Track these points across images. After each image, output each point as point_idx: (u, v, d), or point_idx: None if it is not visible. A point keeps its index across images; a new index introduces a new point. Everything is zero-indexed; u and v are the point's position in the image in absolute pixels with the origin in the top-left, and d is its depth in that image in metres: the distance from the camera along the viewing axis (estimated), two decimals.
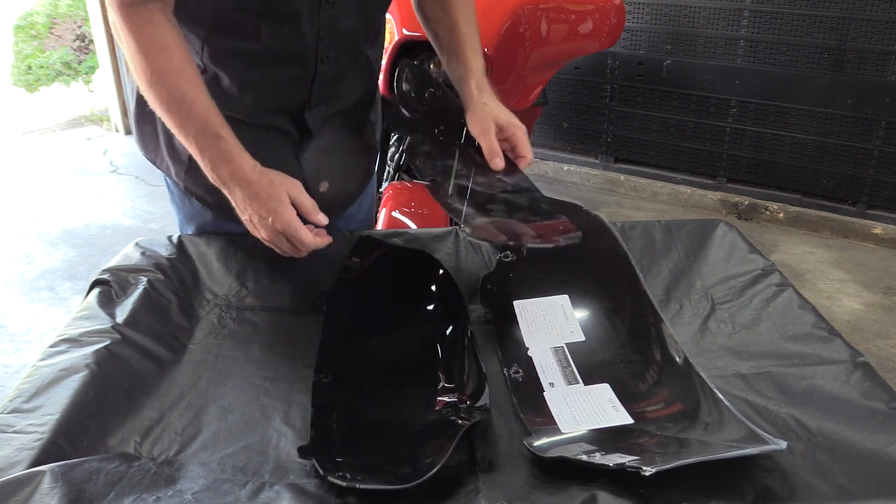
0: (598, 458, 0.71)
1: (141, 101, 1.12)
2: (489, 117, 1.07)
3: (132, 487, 0.67)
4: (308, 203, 0.96)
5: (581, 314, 0.99)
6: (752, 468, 0.71)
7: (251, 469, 0.73)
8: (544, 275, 1.07)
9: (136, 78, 0.96)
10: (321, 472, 0.69)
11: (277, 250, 0.98)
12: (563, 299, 1.02)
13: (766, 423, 0.79)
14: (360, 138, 1.23)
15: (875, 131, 3.00)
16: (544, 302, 1.02)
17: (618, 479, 0.69)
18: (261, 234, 0.96)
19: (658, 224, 1.17)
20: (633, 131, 3.53)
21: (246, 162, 0.94)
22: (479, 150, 1.08)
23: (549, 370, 0.90)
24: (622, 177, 3.58)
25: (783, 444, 0.67)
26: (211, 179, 0.96)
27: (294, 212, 0.94)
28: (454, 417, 0.77)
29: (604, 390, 0.86)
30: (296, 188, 0.95)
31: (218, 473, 0.71)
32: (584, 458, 0.71)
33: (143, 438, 0.77)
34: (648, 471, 0.66)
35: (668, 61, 3.32)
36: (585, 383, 0.88)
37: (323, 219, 0.97)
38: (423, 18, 1.21)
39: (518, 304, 1.01)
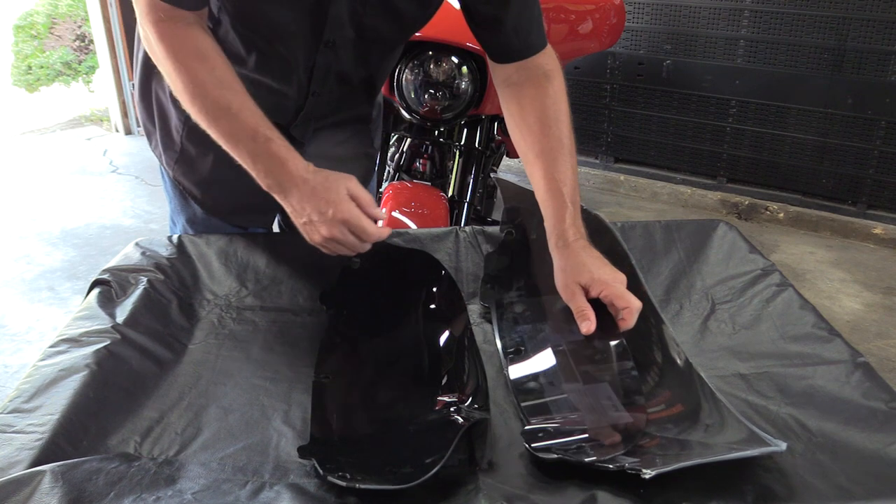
0: (598, 460, 0.71)
1: (142, 80, 1.12)
2: (570, 280, 0.94)
3: (132, 487, 0.67)
4: (366, 196, 0.92)
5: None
6: (752, 468, 0.71)
7: (251, 469, 0.72)
8: (544, 275, 1.07)
9: (178, 93, 0.93)
10: (321, 472, 0.69)
11: (332, 251, 0.94)
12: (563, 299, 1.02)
13: (766, 423, 0.79)
14: (355, 145, 1.23)
15: (875, 131, 3.00)
16: (544, 302, 1.02)
17: (617, 479, 0.69)
18: (319, 232, 0.91)
19: (658, 224, 1.17)
20: (633, 131, 3.53)
21: (300, 162, 0.92)
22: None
23: (549, 370, 0.90)
24: (622, 177, 3.58)
25: (783, 446, 0.67)
26: (265, 187, 0.94)
27: (354, 203, 0.90)
28: (454, 417, 0.77)
29: (604, 390, 0.86)
30: (352, 182, 0.92)
31: (218, 473, 0.71)
32: (584, 459, 0.71)
33: (144, 438, 0.77)
34: (648, 473, 0.66)
35: (668, 61, 3.32)
36: (585, 383, 0.88)
37: (380, 213, 0.94)
38: (510, 121, 1.08)
39: (518, 304, 1.01)
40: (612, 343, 0.92)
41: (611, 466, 0.69)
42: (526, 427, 0.80)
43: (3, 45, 5.03)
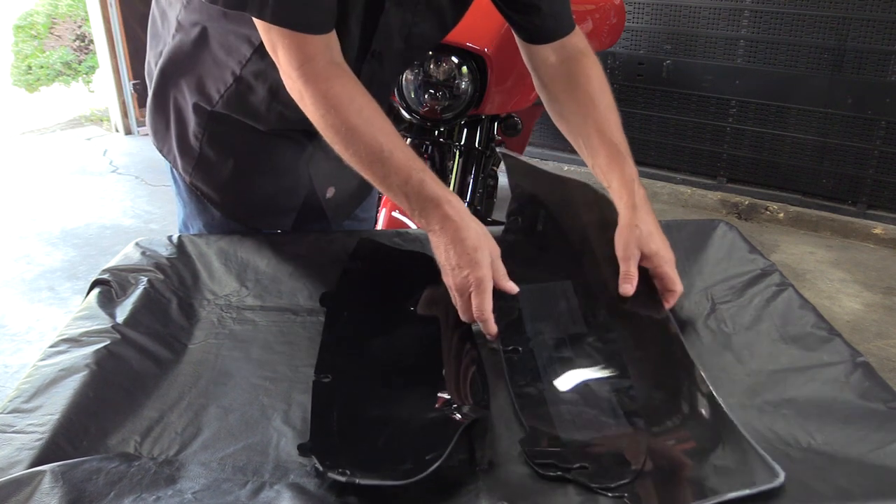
0: (602, 486, 0.70)
1: (158, 87, 1.13)
2: (635, 242, 0.96)
3: (132, 487, 0.67)
4: (503, 269, 0.92)
5: (584, 303, 0.98)
6: None
7: (251, 469, 0.72)
8: (548, 256, 1.05)
9: (331, 140, 0.94)
10: (321, 468, 0.69)
11: (454, 300, 0.93)
12: (566, 286, 1.01)
13: (764, 422, 0.79)
14: None
15: (875, 131, 3.01)
16: (546, 288, 1.01)
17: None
18: (448, 280, 0.92)
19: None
20: (633, 131, 3.53)
21: (454, 205, 0.92)
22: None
23: (549, 365, 0.89)
24: None
25: (781, 476, 0.67)
26: (419, 226, 0.94)
27: (491, 273, 0.89)
28: (455, 415, 0.77)
29: (604, 391, 0.85)
30: (496, 251, 0.92)
31: (218, 473, 0.71)
32: (588, 483, 0.70)
33: (144, 438, 0.77)
34: None
35: (668, 61, 3.32)
36: (587, 382, 0.87)
37: (513, 287, 0.93)
38: (551, 105, 1.13)
39: (520, 290, 0.98)
40: (621, 342, 0.92)
41: (609, 495, 0.68)
42: (525, 435, 0.79)
43: (3, 45, 5.03)
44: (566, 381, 0.87)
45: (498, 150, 1.33)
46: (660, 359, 0.90)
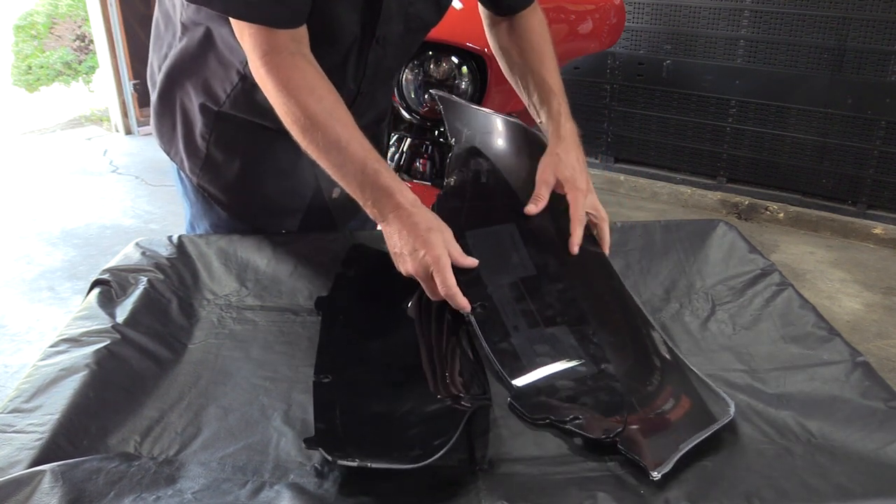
0: (597, 437, 0.75)
1: (164, 89, 1.13)
2: (552, 168, 1.05)
3: (132, 487, 0.67)
4: (458, 249, 0.93)
5: (531, 248, 1.00)
6: (751, 468, 0.71)
7: (251, 468, 0.73)
8: (492, 203, 1.09)
9: (289, 126, 0.95)
10: (330, 458, 0.68)
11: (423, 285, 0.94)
12: (511, 229, 1.02)
13: (765, 422, 0.79)
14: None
15: (875, 131, 3.01)
16: (493, 233, 1.02)
17: (616, 479, 0.70)
18: (407, 266, 0.92)
19: (658, 224, 1.17)
20: (633, 131, 3.53)
21: (407, 194, 0.93)
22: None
23: (516, 319, 0.91)
24: (622, 177, 3.59)
25: (731, 408, 0.77)
26: (370, 215, 0.95)
27: (447, 250, 0.91)
28: (457, 405, 0.77)
29: (562, 334, 0.89)
30: (449, 232, 0.94)
31: (218, 473, 0.71)
32: (582, 432, 0.76)
33: (144, 438, 0.77)
34: (656, 476, 0.68)
35: (668, 61, 3.32)
36: (545, 325, 0.90)
37: (473, 261, 0.93)
38: (500, 54, 1.20)
39: (469, 236, 1.00)
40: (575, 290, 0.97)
41: (609, 459, 0.72)
42: (513, 390, 0.83)
43: (3, 45, 5.03)
44: (534, 334, 0.90)
45: (433, 91, 1.36)
46: (609, 304, 0.97)
